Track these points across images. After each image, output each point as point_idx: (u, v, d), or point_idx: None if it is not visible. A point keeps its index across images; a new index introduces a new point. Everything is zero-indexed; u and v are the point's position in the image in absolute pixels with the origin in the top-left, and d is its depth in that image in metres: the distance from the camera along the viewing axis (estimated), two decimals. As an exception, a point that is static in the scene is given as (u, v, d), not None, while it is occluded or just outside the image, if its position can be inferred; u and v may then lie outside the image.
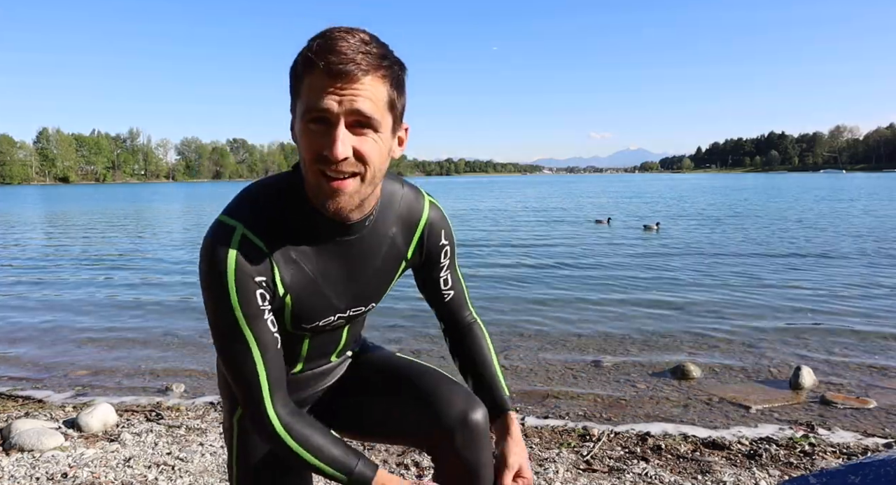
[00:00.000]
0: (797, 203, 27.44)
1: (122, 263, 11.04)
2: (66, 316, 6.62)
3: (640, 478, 2.55)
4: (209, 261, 1.00)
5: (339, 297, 1.14)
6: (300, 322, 1.12)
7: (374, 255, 1.15)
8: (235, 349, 1.02)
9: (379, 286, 1.20)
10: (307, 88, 0.93)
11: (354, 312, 1.19)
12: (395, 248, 1.17)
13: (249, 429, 1.12)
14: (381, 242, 1.14)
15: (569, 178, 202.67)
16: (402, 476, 2.56)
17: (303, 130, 0.95)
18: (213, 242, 1.00)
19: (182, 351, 5.15)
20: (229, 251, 0.99)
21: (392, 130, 1.00)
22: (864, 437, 3.20)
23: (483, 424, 1.18)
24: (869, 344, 5.01)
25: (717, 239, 13.49)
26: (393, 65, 0.96)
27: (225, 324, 1.01)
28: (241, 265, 0.99)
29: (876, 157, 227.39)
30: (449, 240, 1.26)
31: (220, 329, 1.02)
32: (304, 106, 0.93)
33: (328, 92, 0.90)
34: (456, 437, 1.16)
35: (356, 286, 1.15)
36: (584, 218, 20.60)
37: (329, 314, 1.14)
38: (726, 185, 65.55)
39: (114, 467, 2.69)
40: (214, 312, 1.02)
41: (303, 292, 1.08)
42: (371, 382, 1.32)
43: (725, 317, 6.04)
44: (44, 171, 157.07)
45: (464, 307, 1.36)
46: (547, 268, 9.64)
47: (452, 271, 1.31)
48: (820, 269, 9.01)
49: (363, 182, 0.98)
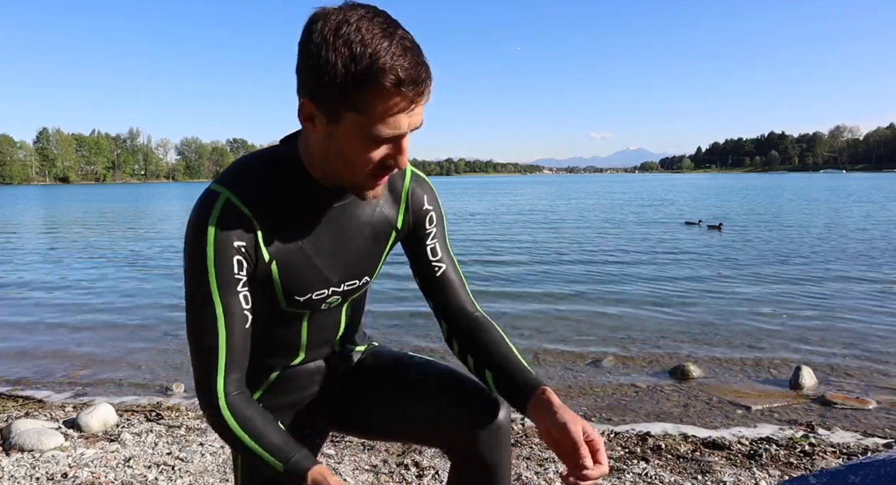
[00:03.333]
0: (803, 205, 27.42)
1: (122, 263, 11.04)
2: (66, 316, 6.62)
3: (640, 478, 2.55)
4: (191, 226, 1.01)
5: (331, 268, 1.13)
6: (292, 294, 1.11)
7: (364, 222, 1.14)
8: (202, 316, 1.01)
9: (370, 258, 1.19)
10: (376, 107, 0.88)
11: (349, 287, 1.18)
12: (383, 216, 1.17)
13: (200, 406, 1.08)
14: (370, 208, 1.15)
15: (569, 178, 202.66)
16: (402, 476, 2.57)
17: (362, 144, 0.93)
18: (197, 209, 1.02)
19: (182, 351, 5.15)
20: (211, 216, 1.00)
21: None
22: (864, 437, 3.20)
23: (506, 424, 1.17)
24: (869, 344, 5.01)
25: (718, 239, 13.49)
26: None
27: (197, 289, 1.01)
28: (222, 230, 1.00)
29: (876, 157, 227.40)
30: (433, 206, 1.22)
31: (192, 294, 1.02)
32: (367, 123, 0.90)
33: (403, 113, 0.89)
34: (479, 437, 1.15)
35: (347, 256, 1.14)
36: (589, 219, 20.59)
37: (321, 287, 1.13)
38: (728, 185, 65.53)
39: (114, 467, 2.69)
40: (189, 277, 1.02)
41: (290, 260, 1.08)
42: (386, 380, 1.30)
43: (725, 317, 6.04)
44: (44, 171, 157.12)
45: (463, 296, 1.23)
46: (545, 269, 9.64)
47: (442, 244, 1.23)
48: (820, 269, 9.01)
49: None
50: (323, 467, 1.01)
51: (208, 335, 1.02)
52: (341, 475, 2.59)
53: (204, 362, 1.03)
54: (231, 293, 1.02)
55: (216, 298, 1.01)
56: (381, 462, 2.72)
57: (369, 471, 2.63)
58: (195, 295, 1.02)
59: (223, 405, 1.02)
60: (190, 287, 1.03)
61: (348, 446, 2.90)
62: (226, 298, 1.01)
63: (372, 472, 2.63)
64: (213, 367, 1.03)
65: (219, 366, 1.03)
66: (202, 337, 1.02)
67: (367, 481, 2.56)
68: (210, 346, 1.02)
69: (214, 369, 1.03)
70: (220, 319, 1.01)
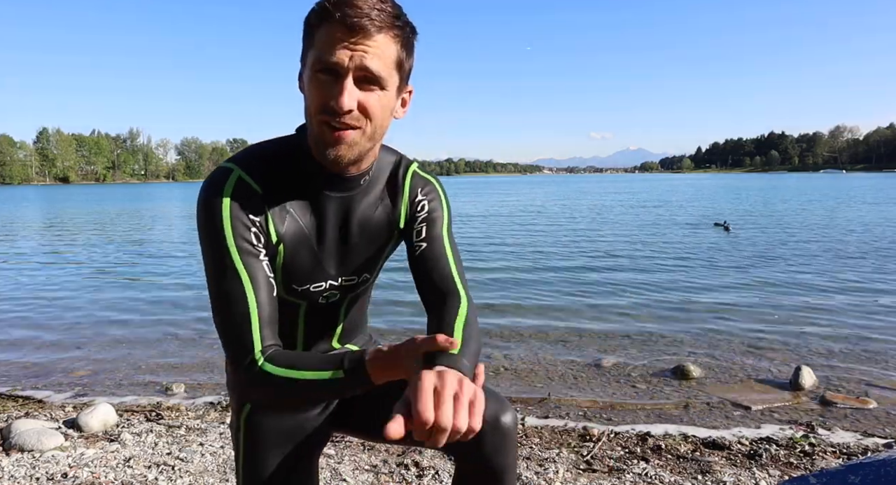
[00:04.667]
0: (804, 205, 27.43)
1: (121, 263, 11.03)
2: (66, 316, 6.62)
3: (640, 478, 2.55)
4: (205, 200, 1.02)
5: (330, 260, 1.13)
6: (290, 281, 1.11)
7: (367, 217, 1.15)
8: (228, 287, 0.99)
9: (370, 254, 1.19)
10: (320, 39, 0.95)
11: (347, 282, 1.18)
12: (386, 215, 1.17)
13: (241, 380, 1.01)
14: (374, 204, 1.15)
15: (570, 178, 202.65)
16: (402, 476, 2.57)
17: (312, 79, 0.97)
18: (209, 183, 1.03)
19: (182, 351, 5.15)
20: (225, 189, 1.01)
21: (397, 89, 1.03)
22: (864, 437, 3.20)
23: (512, 427, 1.15)
24: (869, 344, 5.00)
25: (718, 240, 13.49)
26: (405, 26, 0.99)
27: (219, 262, 1.00)
28: (236, 203, 1.01)
29: (876, 157, 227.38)
30: (428, 197, 1.21)
31: (215, 268, 1.01)
32: (315, 56, 0.96)
33: (341, 45, 0.94)
34: (485, 441, 1.12)
35: (347, 250, 1.15)
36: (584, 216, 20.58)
37: (320, 279, 1.14)
38: (730, 185, 65.52)
39: (114, 467, 2.69)
40: (209, 251, 1.01)
41: (295, 245, 1.08)
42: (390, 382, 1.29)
43: (726, 317, 6.04)
44: (44, 171, 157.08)
45: (446, 276, 1.16)
46: (544, 269, 9.64)
47: (430, 227, 1.19)
48: (821, 269, 9.01)
49: (363, 135, 1.01)
50: (372, 350, 0.98)
51: (237, 305, 1.00)
52: (341, 475, 2.59)
53: (236, 330, 0.99)
54: (254, 262, 1.01)
55: (239, 267, 1.00)
56: (381, 462, 2.72)
57: (369, 471, 2.63)
58: (218, 269, 1.00)
59: (265, 363, 0.99)
60: (211, 262, 1.01)
61: (348, 447, 2.90)
62: (249, 267, 1.01)
63: (372, 472, 2.63)
64: (247, 332, 0.99)
65: (252, 329, 1.00)
66: (229, 309, 1.00)
67: (367, 481, 2.56)
68: (241, 312, 0.99)
69: (248, 334, 0.99)
70: (248, 286, 1.00)
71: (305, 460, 1.27)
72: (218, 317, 1.02)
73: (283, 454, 1.22)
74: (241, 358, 1.00)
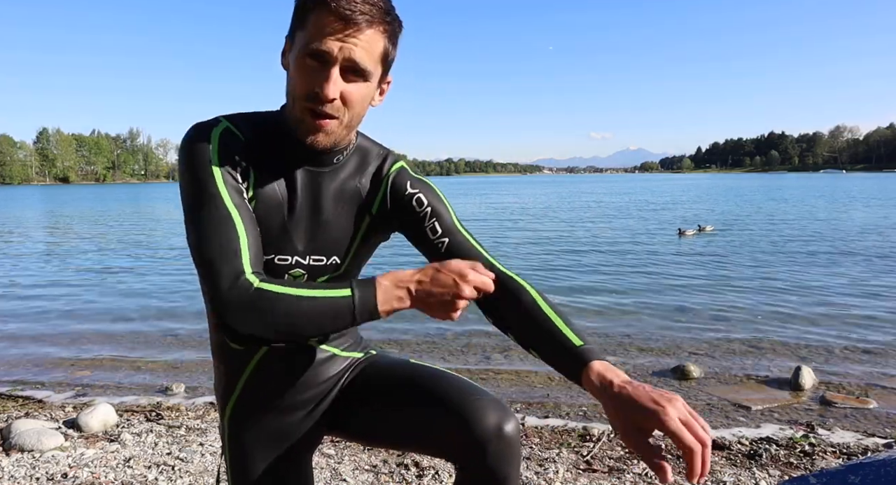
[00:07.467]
0: (804, 205, 27.42)
1: (121, 263, 11.04)
2: (65, 316, 6.62)
3: (640, 478, 2.55)
4: (191, 138, 1.03)
5: (298, 232, 1.12)
6: None
7: (339, 197, 1.15)
8: (214, 219, 0.97)
9: (340, 236, 1.17)
10: (312, 24, 0.97)
11: (314, 262, 1.15)
12: (359, 197, 1.18)
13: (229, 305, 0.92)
14: (347, 186, 1.16)
15: (570, 178, 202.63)
16: (402, 476, 2.57)
17: (299, 62, 1.00)
18: (195, 127, 1.05)
19: (182, 351, 5.15)
20: (213, 132, 1.04)
21: (379, 80, 1.07)
22: (864, 437, 3.20)
23: (516, 435, 1.12)
24: (869, 344, 5.00)
25: (719, 241, 13.49)
26: (394, 21, 1.02)
27: (205, 194, 0.98)
28: (224, 143, 1.04)
29: (876, 157, 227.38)
30: (419, 189, 1.19)
31: (199, 200, 0.98)
32: (305, 40, 0.98)
33: (332, 35, 0.96)
34: (489, 450, 1.08)
35: (317, 226, 1.14)
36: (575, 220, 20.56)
37: (286, 251, 1.12)
38: (731, 185, 65.51)
39: (114, 467, 2.69)
40: (194, 184, 0.99)
41: (266, 207, 1.09)
42: (388, 388, 1.25)
43: (726, 317, 6.04)
44: (44, 171, 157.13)
45: (482, 258, 1.16)
46: (543, 269, 9.64)
47: (441, 221, 1.18)
48: (821, 269, 9.01)
49: (341, 125, 1.04)
50: (386, 273, 0.98)
51: (225, 230, 0.96)
52: (341, 475, 2.59)
53: (225, 254, 0.95)
54: (241, 199, 1.02)
55: (227, 200, 0.99)
56: (381, 462, 2.72)
57: (369, 471, 2.63)
58: (202, 200, 0.98)
59: (256, 280, 0.95)
60: (195, 193, 0.99)
61: (348, 447, 2.90)
62: (236, 201, 1.01)
63: (372, 472, 2.63)
64: (237, 255, 0.95)
65: (243, 252, 0.96)
66: (216, 234, 0.96)
67: (367, 481, 2.56)
68: (230, 237, 0.96)
69: (238, 257, 0.95)
70: (235, 214, 0.99)
71: (294, 463, 1.25)
72: (202, 244, 0.96)
73: (269, 457, 1.21)
74: (230, 278, 0.93)
